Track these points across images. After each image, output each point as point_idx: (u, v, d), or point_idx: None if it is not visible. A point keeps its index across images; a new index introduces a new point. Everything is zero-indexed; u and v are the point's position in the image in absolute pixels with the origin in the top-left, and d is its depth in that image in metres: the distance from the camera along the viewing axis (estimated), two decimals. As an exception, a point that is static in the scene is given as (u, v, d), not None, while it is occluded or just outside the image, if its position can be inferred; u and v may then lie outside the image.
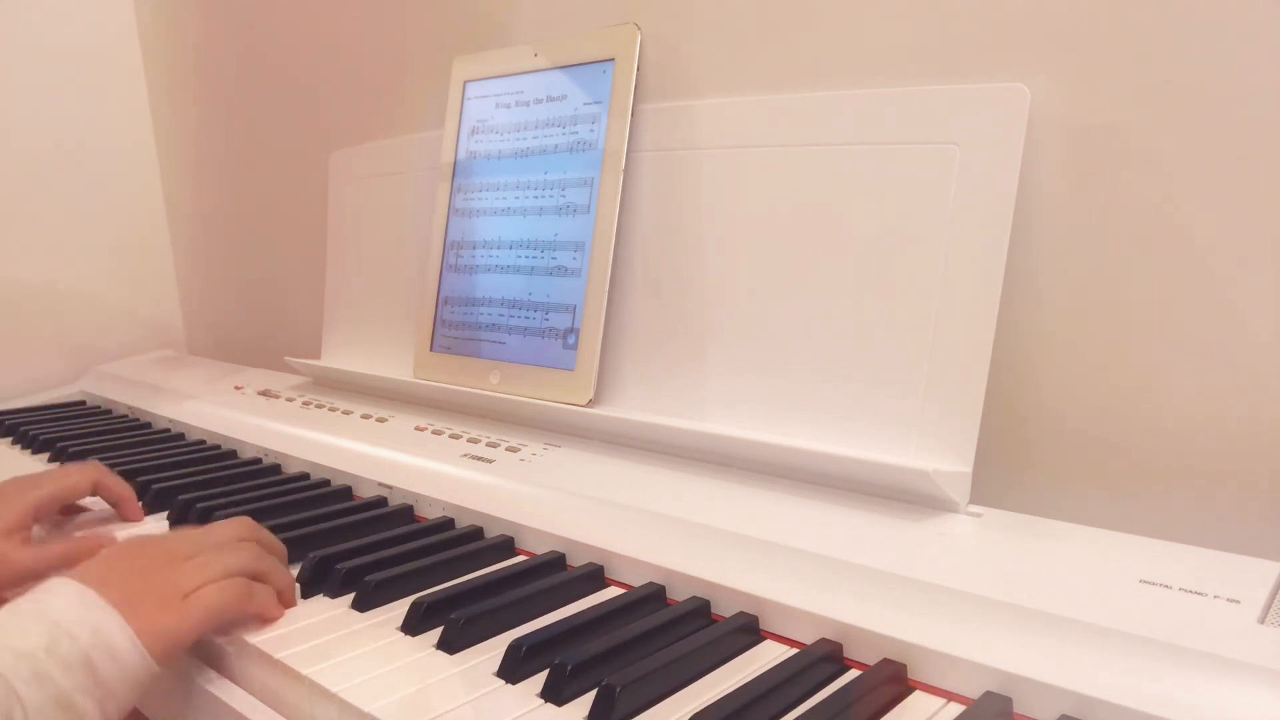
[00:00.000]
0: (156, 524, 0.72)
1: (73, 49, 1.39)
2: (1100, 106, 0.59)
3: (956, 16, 0.64)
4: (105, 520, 0.73)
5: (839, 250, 0.64)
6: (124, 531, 0.71)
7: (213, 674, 0.52)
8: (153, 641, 0.48)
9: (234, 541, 0.57)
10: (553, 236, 0.80)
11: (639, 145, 0.76)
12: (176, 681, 0.53)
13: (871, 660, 0.47)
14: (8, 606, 0.47)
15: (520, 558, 0.63)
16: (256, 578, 0.56)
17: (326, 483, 0.79)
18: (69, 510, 0.74)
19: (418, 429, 0.83)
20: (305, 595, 0.58)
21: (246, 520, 0.60)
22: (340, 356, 1.04)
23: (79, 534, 0.68)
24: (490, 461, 0.73)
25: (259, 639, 0.51)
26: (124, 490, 0.73)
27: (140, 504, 0.74)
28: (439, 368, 0.89)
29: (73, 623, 0.46)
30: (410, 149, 0.97)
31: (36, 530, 0.69)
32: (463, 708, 0.44)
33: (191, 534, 0.57)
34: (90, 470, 0.71)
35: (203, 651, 0.54)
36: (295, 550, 0.63)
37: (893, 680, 0.45)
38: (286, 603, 0.57)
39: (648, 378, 0.74)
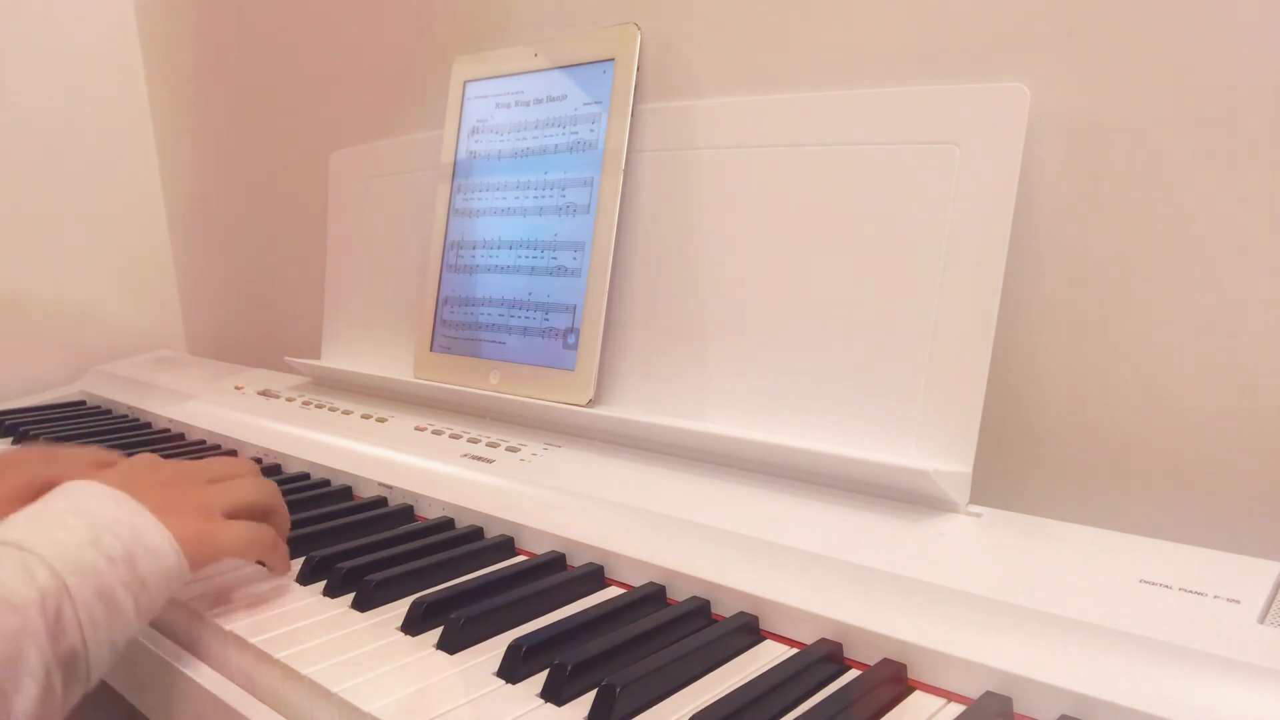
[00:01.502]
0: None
1: (73, 49, 1.39)
2: (1100, 106, 0.59)
3: (956, 16, 0.64)
4: None
5: (839, 250, 0.64)
6: None
7: (211, 672, 0.53)
8: (188, 547, 0.49)
9: (249, 476, 0.59)
10: (553, 236, 0.80)
11: (639, 145, 0.76)
12: (174, 679, 0.53)
13: (871, 660, 0.47)
14: (37, 506, 0.47)
15: (520, 558, 0.63)
16: (268, 511, 0.58)
17: (326, 483, 0.79)
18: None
19: (418, 429, 0.83)
20: (304, 590, 0.58)
21: (245, 461, 0.62)
22: (340, 356, 1.04)
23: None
24: (490, 461, 0.73)
25: (259, 639, 0.51)
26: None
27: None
28: (439, 368, 0.89)
29: (112, 519, 0.46)
30: (410, 149, 0.97)
31: None
32: (463, 708, 0.44)
33: (199, 463, 0.59)
34: (105, 458, 0.70)
35: (202, 650, 0.54)
36: (295, 550, 0.63)
37: (893, 680, 0.45)
38: (279, 566, 0.59)
39: (648, 378, 0.74)
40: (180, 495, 0.52)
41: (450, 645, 0.50)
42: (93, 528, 0.45)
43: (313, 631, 0.52)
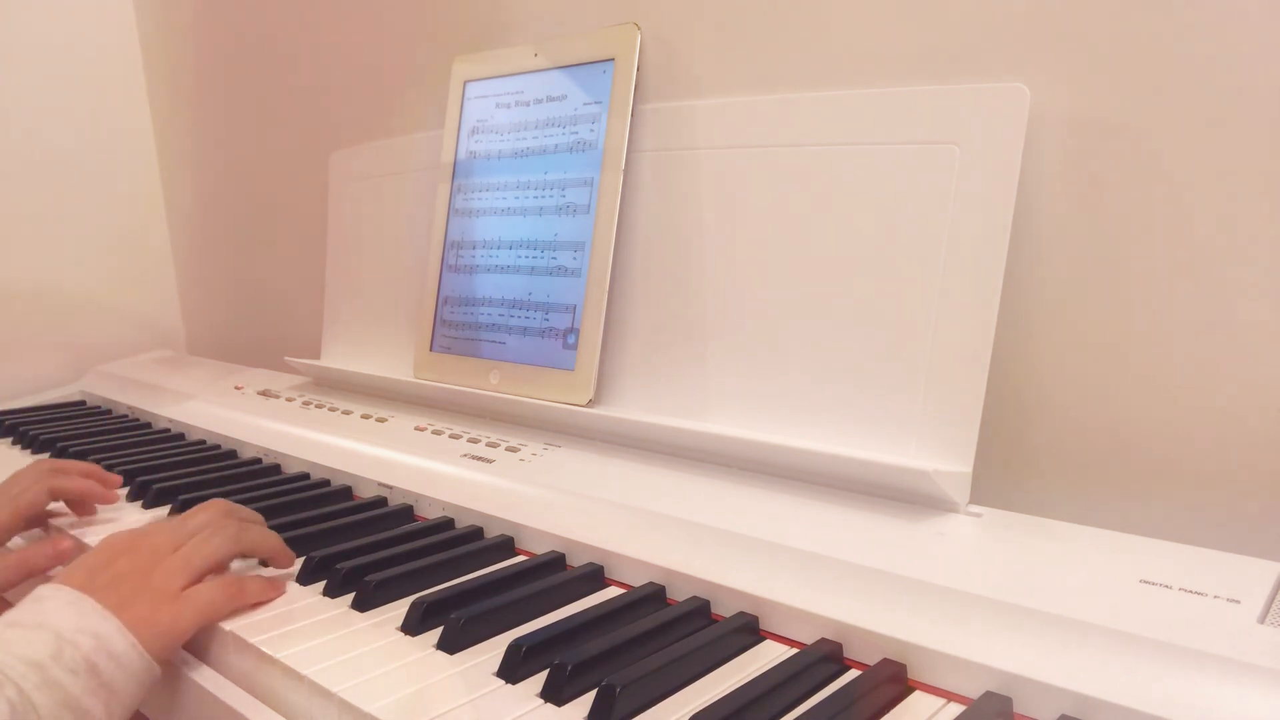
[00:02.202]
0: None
1: (73, 49, 1.39)
2: (1100, 106, 0.59)
3: (956, 16, 0.64)
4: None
5: (839, 250, 0.64)
6: (92, 530, 0.70)
7: (211, 673, 0.53)
8: (151, 642, 0.50)
9: (213, 523, 0.58)
10: (553, 236, 0.80)
11: (639, 145, 0.76)
12: (175, 680, 0.53)
13: (871, 660, 0.47)
14: (4, 618, 0.48)
15: (520, 558, 0.63)
16: (245, 553, 0.59)
17: (326, 483, 0.79)
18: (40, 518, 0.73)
19: (418, 429, 0.83)
20: (304, 590, 0.58)
21: (220, 502, 0.62)
22: (340, 356, 1.04)
23: (34, 543, 0.67)
24: (490, 461, 0.73)
25: (259, 639, 0.51)
26: (82, 486, 0.72)
27: (116, 489, 0.74)
28: (439, 368, 0.89)
29: (73, 631, 0.48)
30: (410, 149, 0.97)
31: (17, 540, 0.70)
32: (463, 708, 0.44)
33: (170, 524, 0.58)
34: (43, 478, 0.71)
35: (202, 651, 0.54)
36: (296, 550, 0.63)
37: (893, 680, 0.45)
38: (282, 563, 0.60)
39: (648, 378, 0.74)
40: (140, 584, 0.52)
41: (450, 645, 0.50)
42: (56, 641, 0.47)
43: (313, 632, 0.52)
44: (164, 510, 0.74)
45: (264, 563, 0.62)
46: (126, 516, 0.74)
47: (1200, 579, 0.46)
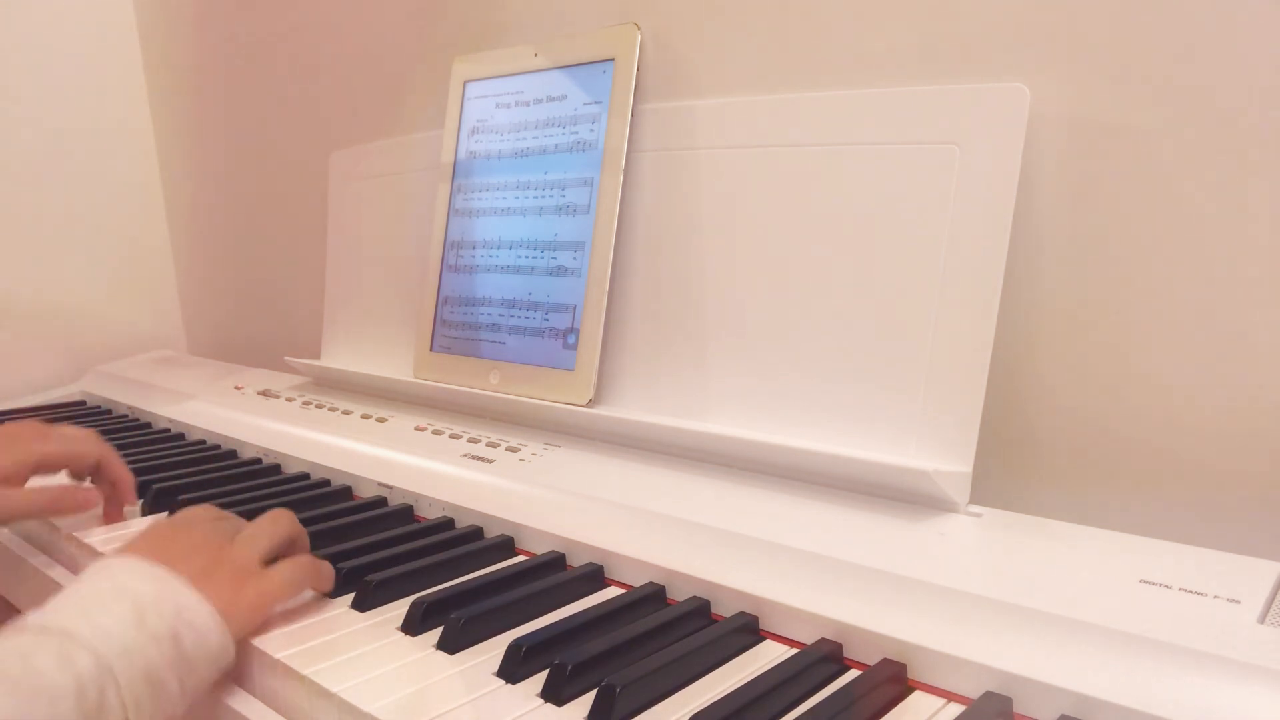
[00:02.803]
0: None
1: (73, 49, 1.39)
2: (1100, 106, 0.59)
3: (956, 16, 0.64)
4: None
5: (839, 250, 0.64)
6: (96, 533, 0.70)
7: (213, 674, 0.52)
8: (234, 618, 0.48)
9: (269, 514, 0.58)
10: (553, 236, 0.80)
11: (639, 145, 0.76)
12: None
13: (871, 660, 0.47)
14: (77, 589, 0.46)
15: (520, 558, 0.63)
16: (293, 540, 0.58)
17: (326, 483, 0.79)
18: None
19: (418, 429, 0.83)
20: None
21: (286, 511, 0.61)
22: (340, 356, 1.04)
23: (69, 489, 0.68)
24: (490, 461, 0.73)
25: (259, 640, 0.51)
26: (124, 475, 0.72)
27: (135, 494, 0.74)
28: (439, 368, 0.89)
29: (155, 597, 0.46)
30: (410, 149, 0.97)
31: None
32: (463, 708, 0.44)
33: (215, 511, 0.58)
34: (98, 447, 0.71)
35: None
36: (295, 550, 0.63)
37: (893, 680, 0.45)
38: (323, 584, 0.57)
39: (648, 378, 0.74)
40: (213, 559, 0.51)
41: (450, 645, 0.50)
42: (137, 608, 0.45)
43: (313, 632, 0.52)
44: (164, 513, 0.74)
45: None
46: (138, 525, 0.74)
47: (1200, 579, 0.46)
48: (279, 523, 0.57)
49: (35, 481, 0.68)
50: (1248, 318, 0.55)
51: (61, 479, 0.71)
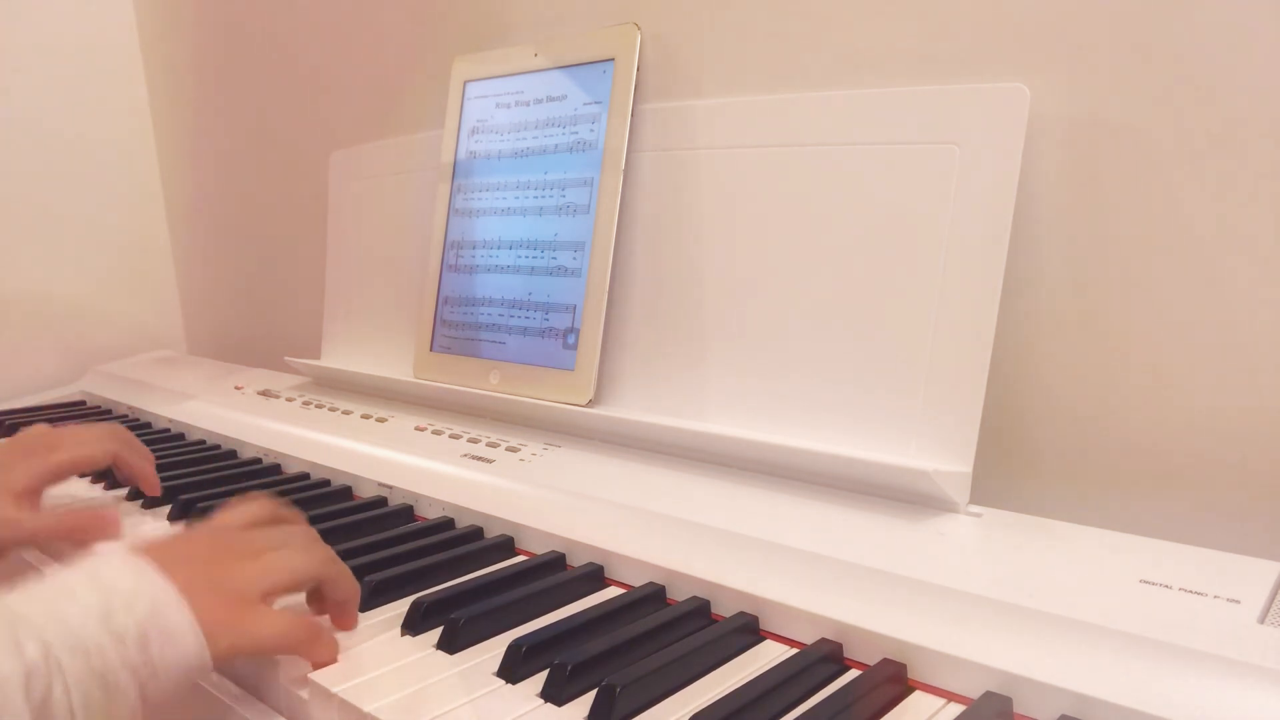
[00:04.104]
0: (155, 522, 0.72)
1: (73, 49, 1.39)
2: (1100, 106, 0.59)
3: (956, 16, 0.64)
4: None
5: (839, 250, 0.64)
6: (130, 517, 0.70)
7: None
8: (212, 632, 0.44)
9: (301, 542, 0.52)
10: (553, 236, 0.80)
11: (639, 145, 0.76)
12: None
13: (871, 660, 0.47)
14: (58, 573, 0.43)
15: (520, 558, 0.63)
16: (324, 584, 0.51)
17: (326, 483, 0.79)
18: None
19: (418, 429, 0.83)
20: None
21: (300, 524, 0.56)
22: (340, 356, 1.04)
23: (87, 507, 0.67)
24: (490, 461, 0.73)
25: (259, 639, 0.51)
26: (142, 467, 0.71)
27: (158, 478, 0.73)
28: (439, 368, 0.89)
29: (129, 592, 0.42)
30: (410, 149, 0.97)
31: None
32: (463, 708, 0.44)
33: (258, 522, 0.54)
34: (110, 441, 0.70)
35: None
36: (295, 550, 0.63)
37: (893, 680, 0.45)
38: (346, 621, 0.52)
39: (648, 378, 0.74)
40: (217, 573, 0.47)
41: (450, 645, 0.50)
42: (105, 602, 0.41)
43: (313, 631, 0.52)
44: (163, 511, 0.74)
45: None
46: (131, 519, 0.74)
47: (1200, 579, 0.46)
48: (308, 561, 0.51)
49: (52, 492, 0.67)
50: (1248, 317, 0.55)
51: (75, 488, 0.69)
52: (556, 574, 0.58)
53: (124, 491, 0.79)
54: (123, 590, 0.42)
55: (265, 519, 0.54)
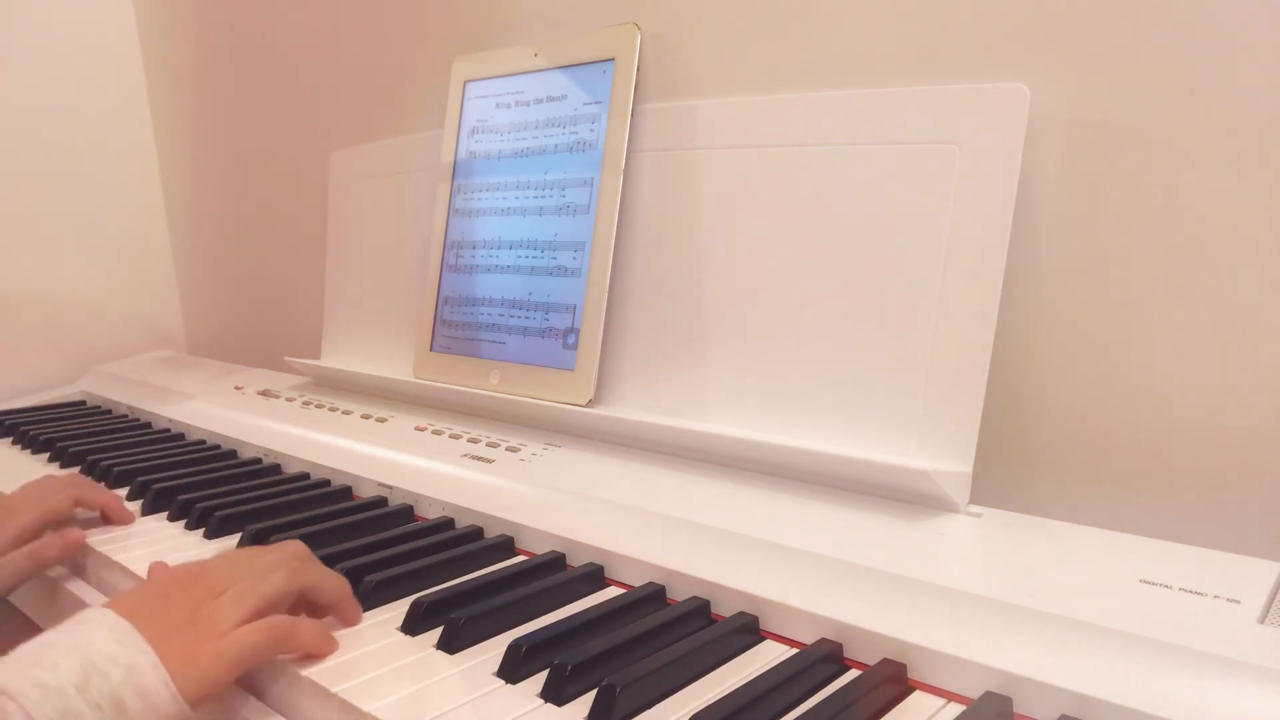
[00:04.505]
0: (155, 523, 0.72)
1: (73, 49, 1.39)
2: (1100, 106, 0.59)
3: (956, 16, 0.64)
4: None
5: (839, 250, 0.64)
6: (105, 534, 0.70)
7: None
8: (185, 683, 0.46)
9: (280, 562, 0.53)
10: (553, 236, 0.80)
11: (639, 145, 0.76)
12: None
13: (871, 660, 0.47)
14: (40, 639, 0.46)
15: (520, 558, 0.63)
16: (304, 594, 0.53)
17: (326, 483, 0.79)
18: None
19: (418, 429, 0.83)
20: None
21: (297, 543, 0.57)
22: (340, 356, 1.04)
23: (45, 536, 0.67)
24: (490, 461, 0.73)
25: (259, 639, 0.51)
26: (105, 498, 0.72)
27: (126, 506, 0.73)
28: (439, 368, 0.89)
29: (106, 659, 0.45)
30: (410, 149, 0.97)
31: None
32: (463, 708, 0.44)
33: (235, 557, 0.55)
34: (68, 489, 0.71)
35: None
36: (295, 550, 0.63)
37: (893, 680, 0.45)
38: (346, 617, 0.54)
39: (648, 378, 0.74)
40: (188, 619, 0.49)
41: (450, 645, 0.50)
42: (83, 670, 0.44)
43: (313, 631, 0.52)
44: (163, 512, 0.74)
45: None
46: (138, 525, 0.74)
47: (1200, 579, 0.46)
48: (287, 582, 0.52)
49: None
50: (1248, 317, 0.55)
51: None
52: (556, 574, 0.58)
53: (124, 491, 0.79)
54: (102, 656, 0.45)
55: (241, 557, 0.55)
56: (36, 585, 0.69)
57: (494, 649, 0.49)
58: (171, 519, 0.73)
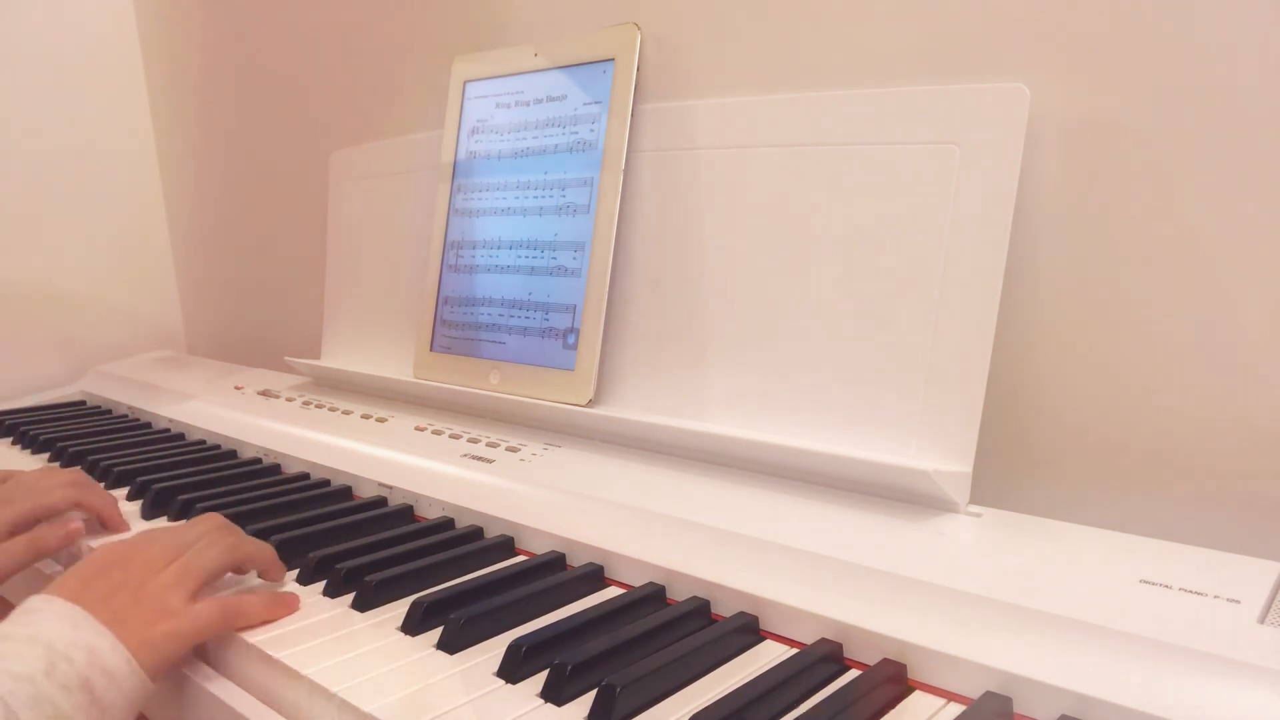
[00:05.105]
0: (155, 524, 0.72)
1: (73, 49, 1.39)
2: (1100, 106, 0.59)
3: (956, 16, 0.64)
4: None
5: (839, 250, 0.64)
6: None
7: (211, 673, 0.52)
8: (146, 658, 0.49)
9: (209, 535, 0.57)
10: (553, 236, 0.80)
11: (639, 145, 0.76)
12: (175, 681, 0.53)
13: (871, 660, 0.47)
14: None
15: (520, 558, 0.63)
16: (241, 565, 0.58)
17: (326, 483, 0.79)
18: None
19: (418, 429, 0.83)
20: (304, 590, 0.58)
21: (215, 515, 0.61)
22: (340, 356, 1.04)
23: (44, 524, 0.68)
24: (490, 461, 0.73)
25: (258, 638, 0.51)
26: (103, 504, 0.71)
27: (123, 513, 0.73)
28: (439, 368, 0.89)
29: (67, 645, 0.46)
30: (410, 149, 0.97)
31: None
32: (463, 708, 0.44)
33: (164, 535, 0.57)
34: (70, 489, 0.71)
35: (202, 651, 0.54)
36: (296, 550, 0.63)
37: (893, 680, 0.45)
38: (273, 576, 0.59)
39: (648, 378, 0.74)
40: (136, 597, 0.51)
41: (450, 645, 0.50)
42: (48, 656, 0.45)
43: (312, 631, 0.52)
44: (163, 514, 0.74)
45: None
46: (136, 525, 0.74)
47: (1200, 579, 0.46)
48: (221, 553, 0.56)
49: None
50: (1247, 317, 0.55)
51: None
52: (556, 574, 0.58)
53: (124, 491, 0.79)
54: (61, 643, 0.46)
55: (168, 534, 0.58)
56: (29, 576, 0.69)
57: (494, 649, 0.49)
58: (171, 519, 0.73)
